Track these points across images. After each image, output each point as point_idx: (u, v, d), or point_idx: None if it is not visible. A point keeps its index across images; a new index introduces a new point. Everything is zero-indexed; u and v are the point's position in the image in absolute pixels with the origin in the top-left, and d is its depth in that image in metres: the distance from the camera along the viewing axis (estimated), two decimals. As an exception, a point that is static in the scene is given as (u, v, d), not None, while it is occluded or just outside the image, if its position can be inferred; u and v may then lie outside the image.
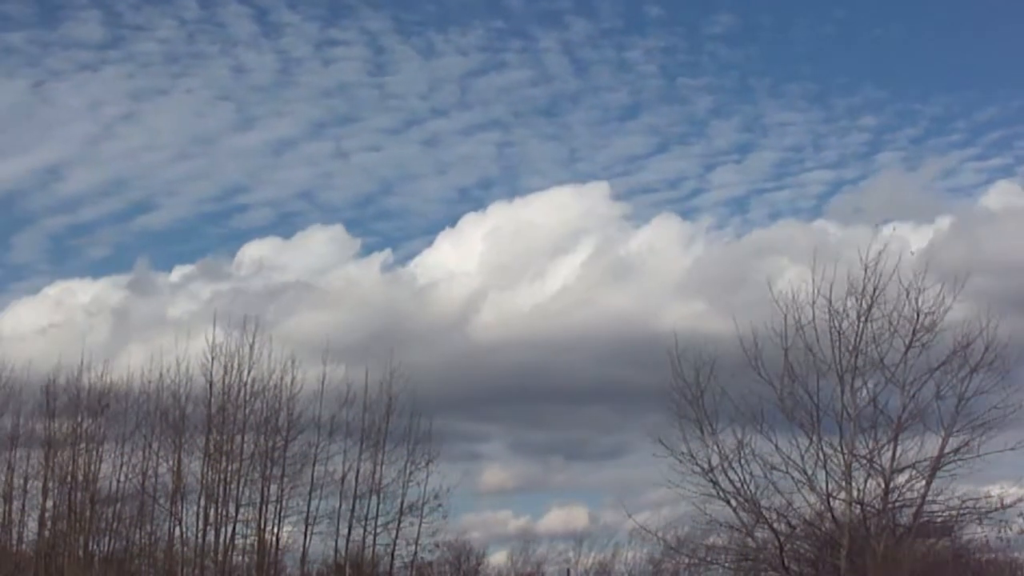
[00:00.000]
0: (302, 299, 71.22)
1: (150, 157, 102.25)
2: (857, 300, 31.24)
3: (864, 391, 31.17)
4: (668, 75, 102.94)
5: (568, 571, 57.65)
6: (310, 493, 47.53)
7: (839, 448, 31.08)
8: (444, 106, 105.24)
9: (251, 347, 46.46)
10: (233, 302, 66.28)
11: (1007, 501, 30.97)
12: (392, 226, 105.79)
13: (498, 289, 77.88)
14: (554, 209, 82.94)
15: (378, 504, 48.28)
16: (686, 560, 35.58)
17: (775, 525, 32.20)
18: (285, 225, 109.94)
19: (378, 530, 48.41)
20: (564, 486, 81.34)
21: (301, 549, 48.06)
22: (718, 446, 31.94)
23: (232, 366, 46.30)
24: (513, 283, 78.87)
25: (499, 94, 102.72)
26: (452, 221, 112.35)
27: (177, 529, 46.86)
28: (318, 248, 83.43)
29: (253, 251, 77.73)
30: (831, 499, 31.37)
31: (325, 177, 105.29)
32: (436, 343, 72.43)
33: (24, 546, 49.99)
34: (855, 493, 31.12)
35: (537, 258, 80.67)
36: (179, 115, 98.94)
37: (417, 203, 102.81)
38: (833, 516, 31.43)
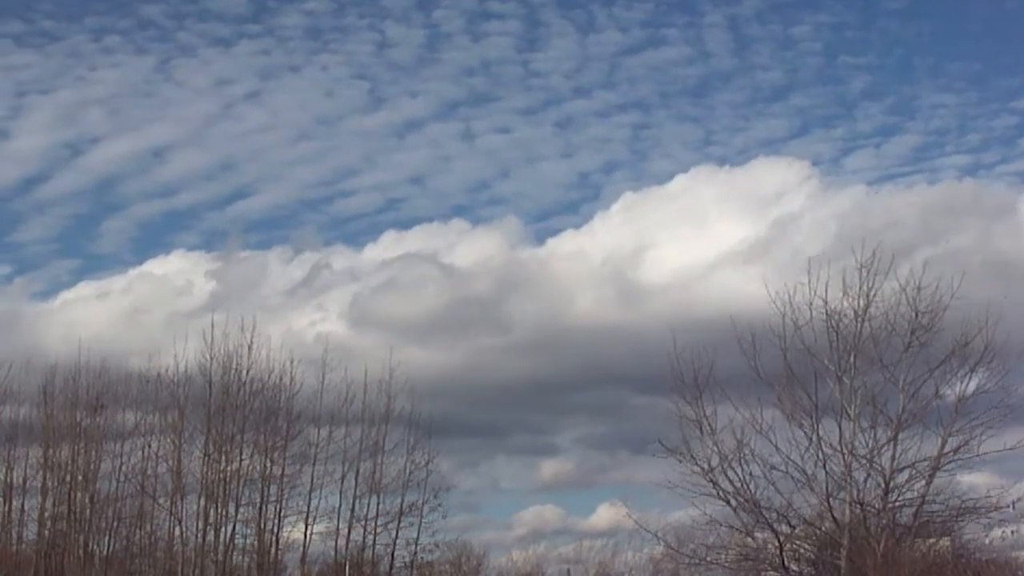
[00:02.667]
0: (402, 282, 71.86)
1: (264, 139, 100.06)
2: (853, 300, 31.23)
3: (863, 391, 31.11)
4: (830, 53, 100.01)
5: (568, 571, 57.68)
6: (310, 493, 47.61)
7: (839, 448, 31.02)
8: (589, 85, 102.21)
9: (250, 347, 46.46)
10: (321, 288, 68.26)
11: (1007, 501, 30.95)
12: (499, 211, 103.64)
13: (616, 272, 75.70)
14: (684, 192, 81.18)
15: (378, 504, 48.34)
16: (686, 560, 35.49)
17: (775, 525, 32.13)
18: (389, 211, 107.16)
19: (378, 530, 48.47)
20: (622, 482, 78.02)
21: (301, 549, 48.13)
22: (718, 446, 31.89)
23: (231, 365, 46.33)
24: (631, 266, 76.57)
25: (649, 73, 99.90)
26: (572, 208, 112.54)
27: (177, 529, 46.86)
28: (429, 233, 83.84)
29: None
30: (831, 499, 31.30)
31: (443, 161, 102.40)
32: (529, 328, 71.20)
33: (24, 546, 49.91)
34: (855, 493, 31.06)
35: (660, 241, 78.17)
36: (306, 94, 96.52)
37: (531, 188, 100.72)
38: (833, 516, 31.34)
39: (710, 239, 74.10)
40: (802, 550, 33.01)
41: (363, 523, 48.22)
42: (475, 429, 74.42)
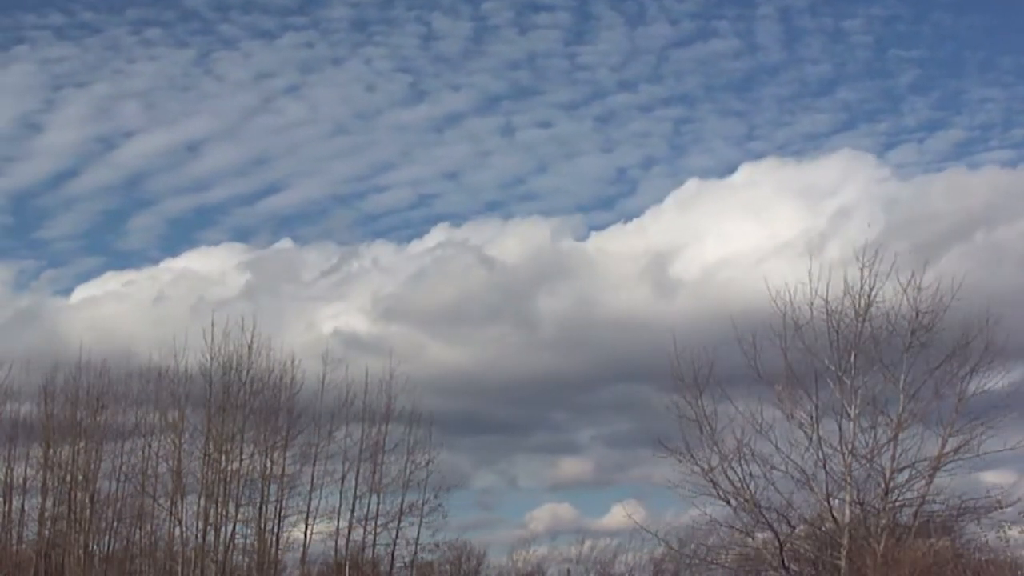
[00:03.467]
0: (433, 276, 71.18)
1: (301, 133, 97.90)
2: (854, 300, 31.21)
3: (863, 391, 31.12)
4: (881, 46, 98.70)
5: (568, 571, 57.57)
6: (310, 493, 47.58)
7: (839, 448, 31.04)
8: (634, 78, 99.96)
9: (250, 347, 46.40)
10: (349, 282, 67.90)
11: (1007, 501, 30.95)
12: (534, 206, 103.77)
13: (656, 267, 73.97)
14: (743, 186, 78.51)
15: (378, 504, 48.33)
16: (687, 561, 35.49)
17: (775, 525, 32.14)
18: (421, 207, 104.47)
19: (378, 530, 48.46)
20: (641, 480, 76.89)
21: (301, 549, 48.12)
22: (718, 446, 31.89)
23: (232, 365, 46.28)
24: (670, 261, 74.73)
25: (696, 66, 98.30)
26: (608, 203, 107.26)
27: (177, 529, 46.82)
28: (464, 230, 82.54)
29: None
30: (831, 499, 31.32)
31: (481, 156, 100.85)
32: (557, 324, 70.06)
33: (24, 546, 49.91)
34: (855, 493, 31.08)
35: (706, 236, 75.46)
36: (348, 88, 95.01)
37: (567, 183, 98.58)
38: (833, 516, 31.36)
39: (754, 234, 71.62)
40: (802, 550, 32.99)
41: (363, 523, 48.26)
42: (496, 426, 73.98)
